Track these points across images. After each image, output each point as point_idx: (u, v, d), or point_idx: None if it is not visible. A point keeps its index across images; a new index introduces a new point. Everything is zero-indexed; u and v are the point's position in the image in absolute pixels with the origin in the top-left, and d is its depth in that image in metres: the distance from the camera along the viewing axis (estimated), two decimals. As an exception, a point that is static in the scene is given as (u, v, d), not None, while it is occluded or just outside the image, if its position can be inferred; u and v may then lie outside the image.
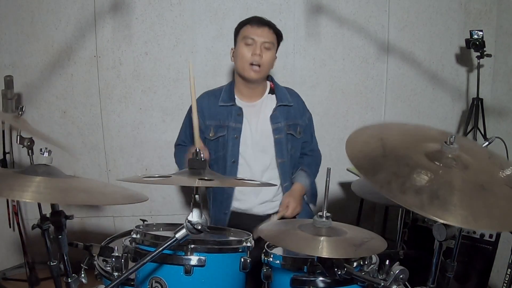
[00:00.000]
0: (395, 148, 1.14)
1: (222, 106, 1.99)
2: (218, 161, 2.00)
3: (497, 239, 2.29)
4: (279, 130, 1.99)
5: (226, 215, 2.02)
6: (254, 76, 1.92)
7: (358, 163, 1.07)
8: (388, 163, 1.07)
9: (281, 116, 2.00)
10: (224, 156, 1.98)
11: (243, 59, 1.91)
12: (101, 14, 2.71)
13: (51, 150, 1.17)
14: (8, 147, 2.64)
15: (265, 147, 2.00)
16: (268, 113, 2.00)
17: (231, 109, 1.99)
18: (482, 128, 2.70)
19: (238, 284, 1.45)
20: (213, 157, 2.00)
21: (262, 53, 1.90)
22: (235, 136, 1.97)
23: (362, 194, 2.26)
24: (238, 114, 1.98)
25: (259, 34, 1.90)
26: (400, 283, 1.18)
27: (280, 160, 2.00)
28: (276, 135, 1.98)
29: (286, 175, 2.03)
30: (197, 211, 1.13)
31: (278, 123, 1.99)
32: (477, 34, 2.59)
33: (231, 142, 1.97)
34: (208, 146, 1.98)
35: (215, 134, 1.98)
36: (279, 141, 1.99)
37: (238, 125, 1.97)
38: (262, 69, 1.92)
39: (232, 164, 1.98)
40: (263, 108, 2.02)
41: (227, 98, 2.01)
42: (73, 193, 1.09)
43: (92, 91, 2.78)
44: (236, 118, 1.98)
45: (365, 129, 1.25)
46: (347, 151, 1.10)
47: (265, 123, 1.99)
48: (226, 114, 1.99)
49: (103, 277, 1.48)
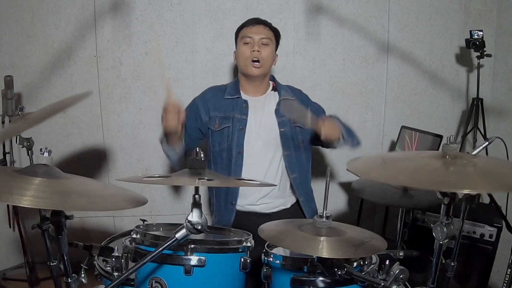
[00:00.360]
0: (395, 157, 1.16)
1: (228, 98, 2.05)
2: (223, 152, 2.03)
3: (497, 239, 2.29)
4: (284, 123, 2.04)
5: (232, 208, 2.03)
6: (256, 72, 2.00)
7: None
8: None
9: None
10: (229, 147, 2.02)
11: (244, 57, 2.00)
12: (101, 14, 2.71)
13: (51, 150, 1.17)
14: (8, 147, 2.64)
15: (270, 140, 2.04)
16: (272, 107, 2.06)
17: (236, 101, 2.05)
18: (482, 128, 2.70)
19: (238, 284, 1.45)
20: (217, 148, 2.04)
21: (261, 49, 1.99)
22: (240, 128, 2.01)
23: (362, 194, 2.26)
24: (243, 106, 2.04)
25: (255, 32, 2.01)
26: (400, 283, 1.18)
27: (287, 152, 2.04)
28: (282, 128, 2.04)
29: (294, 166, 2.06)
30: (197, 211, 1.14)
31: (283, 117, 2.04)
32: (477, 34, 2.59)
33: (237, 133, 2.01)
34: (213, 138, 2.05)
35: (220, 125, 2.03)
36: (284, 134, 2.04)
37: (243, 117, 2.02)
38: (263, 64, 2.00)
39: (237, 154, 2.01)
40: (267, 102, 2.08)
41: (233, 91, 2.08)
42: (73, 197, 1.08)
43: (92, 91, 2.78)
44: (242, 110, 2.03)
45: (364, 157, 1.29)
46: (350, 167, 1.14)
47: (269, 117, 2.05)
48: (232, 106, 2.04)
49: (103, 277, 1.49)
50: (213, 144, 2.06)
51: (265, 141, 2.04)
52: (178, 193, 2.92)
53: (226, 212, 2.04)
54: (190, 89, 2.80)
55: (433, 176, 1.02)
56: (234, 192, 2.04)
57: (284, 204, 2.08)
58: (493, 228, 2.30)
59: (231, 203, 2.03)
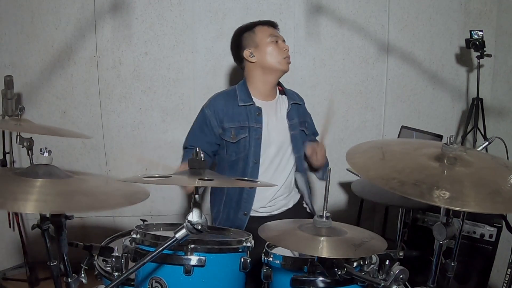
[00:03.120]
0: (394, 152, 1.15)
1: (242, 106, 1.99)
2: (239, 162, 1.99)
3: (497, 239, 2.29)
4: (294, 126, 2.06)
5: (243, 219, 1.99)
6: (288, 67, 2.06)
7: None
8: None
9: (295, 113, 2.08)
10: (245, 157, 1.97)
11: (279, 55, 2.02)
12: (101, 14, 2.71)
13: (51, 150, 1.17)
14: (8, 147, 2.64)
15: (282, 144, 2.03)
16: (284, 111, 2.07)
17: (250, 108, 1.99)
18: (482, 128, 2.70)
19: (238, 284, 1.45)
20: (234, 158, 1.99)
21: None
22: (257, 137, 1.97)
23: (362, 194, 2.26)
24: (257, 114, 1.99)
25: (278, 33, 2.07)
26: (400, 283, 1.18)
27: (298, 154, 2.06)
28: (292, 131, 2.04)
29: (301, 167, 2.10)
30: (197, 211, 1.13)
31: (293, 120, 2.06)
32: (477, 34, 2.59)
33: (254, 142, 1.97)
34: (228, 148, 1.99)
35: (236, 137, 1.97)
36: (294, 137, 2.05)
37: (259, 126, 1.98)
38: (289, 62, 2.06)
39: (254, 164, 1.97)
40: (278, 107, 2.07)
41: (246, 97, 2.01)
42: (76, 198, 1.08)
43: (92, 91, 2.78)
44: (256, 119, 1.98)
45: (365, 143, 1.28)
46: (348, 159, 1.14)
47: (282, 120, 2.05)
48: (246, 115, 1.98)
49: (103, 277, 1.49)
50: (229, 154, 2.00)
51: (278, 145, 2.02)
52: (178, 193, 2.92)
53: (235, 223, 1.99)
54: (190, 89, 2.81)
55: (424, 186, 1.00)
56: (248, 202, 1.98)
57: (286, 205, 2.08)
58: (493, 228, 2.30)
59: (244, 214, 1.99)
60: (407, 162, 1.12)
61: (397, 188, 0.98)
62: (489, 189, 1.00)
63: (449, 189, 0.98)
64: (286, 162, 2.04)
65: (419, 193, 0.96)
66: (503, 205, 0.96)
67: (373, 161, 1.15)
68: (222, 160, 2.04)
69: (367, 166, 1.14)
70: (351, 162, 1.14)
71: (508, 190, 1.00)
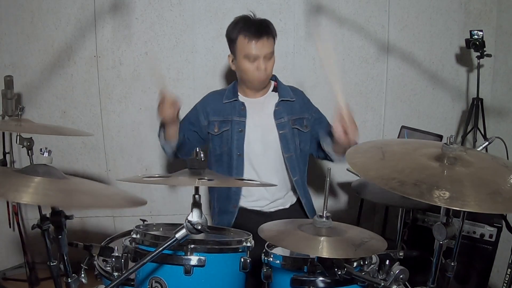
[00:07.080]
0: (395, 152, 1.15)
1: (226, 102, 2.06)
2: (223, 155, 2.04)
3: (497, 239, 2.29)
4: (282, 125, 2.03)
5: (233, 211, 2.03)
6: (262, 84, 2.04)
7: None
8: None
9: (285, 111, 2.05)
10: (229, 150, 2.02)
11: (249, 74, 1.97)
12: (101, 14, 2.71)
13: (51, 150, 1.17)
14: (8, 147, 2.64)
15: (269, 142, 2.03)
16: (271, 109, 2.05)
17: (234, 104, 2.05)
18: (482, 128, 2.70)
19: (238, 284, 1.45)
20: (218, 152, 2.05)
21: (266, 64, 1.94)
22: (239, 130, 2.01)
23: (362, 194, 2.26)
24: (241, 108, 2.04)
25: (259, 48, 1.91)
26: (400, 283, 1.18)
27: (287, 154, 2.03)
28: (281, 130, 2.03)
29: (295, 169, 2.05)
30: (197, 211, 1.13)
31: (281, 119, 2.04)
32: (477, 34, 2.59)
33: (236, 135, 2.01)
34: (213, 142, 2.06)
35: (219, 130, 2.03)
36: (284, 136, 2.03)
37: (242, 119, 2.02)
38: (267, 77, 2.01)
39: (238, 157, 2.01)
40: (266, 104, 2.07)
41: (231, 94, 2.08)
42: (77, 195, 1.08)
43: (92, 91, 2.78)
44: (240, 112, 2.03)
45: (365, 143, 1.28)
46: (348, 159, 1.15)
47: (268, 118, 2.04)
48: (230, 109, 2.05)
49: (103, 277, 1.49)
50: (213, 148, 2.06)
51: (264, 143, 2.04)
52: (178, 193, 2.92)
53: (226, 215, 2.03)
54: (190, 89, 2.80)
55: (424, 186, 1.00)
56: (236, 195, 2.03)
57: (283, 205, 2.09)
58: (493, 228, 2.30)
59: (233, 206, 2.03)
60: (407, 162, 1.12)
61: (397, 188, 0.98)
62: (489, 189, 1.00)
63: (449, 189, 0.98)
64: (274, 162, 2.04)
65: (419, 193, 0.96)
66: (503, 205, 0.96)
67: (373, 161, 1.15)
68: (209, 154, 2.09)
69: (367, 166, 1.14)
70: (351, 162, 1.15)
71: (508, 190, 1.01)
